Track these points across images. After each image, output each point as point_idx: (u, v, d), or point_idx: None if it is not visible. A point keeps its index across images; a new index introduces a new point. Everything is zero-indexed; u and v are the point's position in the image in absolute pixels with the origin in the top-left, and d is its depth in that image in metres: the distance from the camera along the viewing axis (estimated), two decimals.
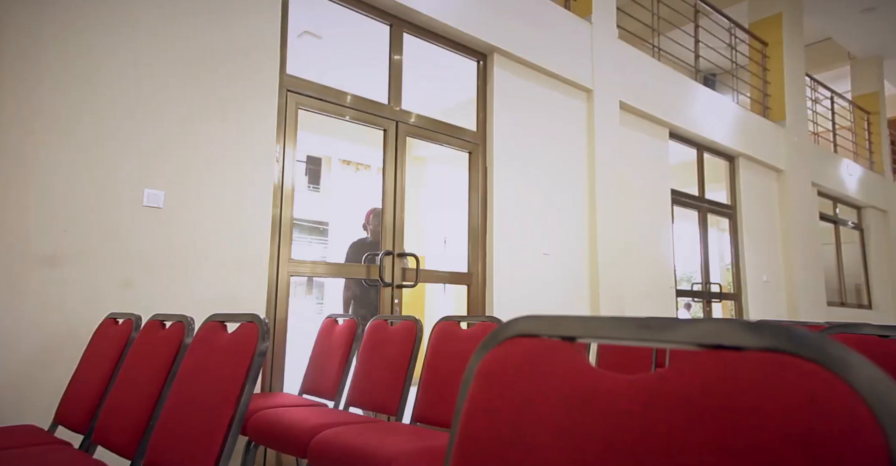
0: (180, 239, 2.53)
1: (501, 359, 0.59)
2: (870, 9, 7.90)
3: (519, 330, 0.59)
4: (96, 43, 2.41)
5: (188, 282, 2.53)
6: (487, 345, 0.62)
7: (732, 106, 5.92)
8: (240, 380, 1.37)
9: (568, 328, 0.54)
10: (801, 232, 6.38)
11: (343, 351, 2.52)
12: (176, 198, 2.55)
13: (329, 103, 3.18)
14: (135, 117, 2.48)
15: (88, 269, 2.30)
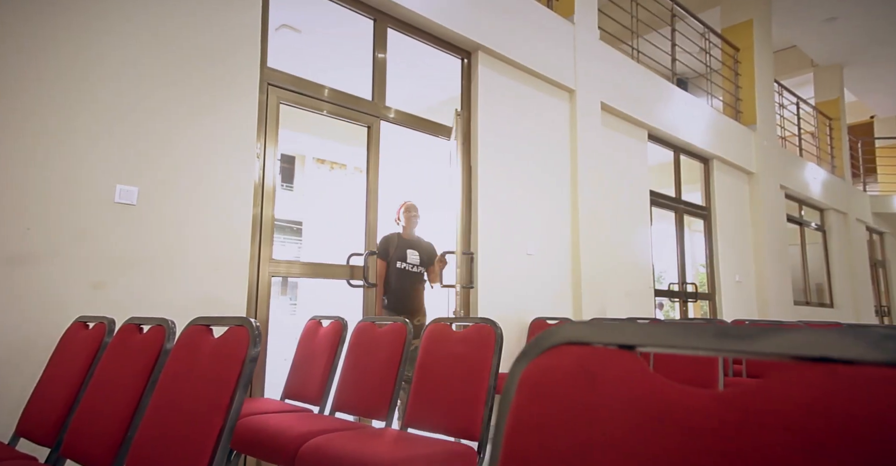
0: (155, 238, 2.42)
1: (549, 369, 0.54)
2: (832, 18, 8.19)
3: (566, 337, 0.55)
4: (69, 34, 2.27)
5: (164, 284, 2.41)
6: (529, 353, 0.58)
7: (707, 109, 6.04)
8: (229, 388, 1.29)
9: (626, 335, 0.50)
10: (771, 233, 6.56)
11: (328, 353, 2.44)
12: (150, 194, 2.43)
13: (312, 98, 3.10)
14: (109, 110, 2.35)
15: (55, 270, 2.17)
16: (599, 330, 0.52)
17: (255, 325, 1.35)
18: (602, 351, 0.51)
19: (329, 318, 2.59)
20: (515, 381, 0.58)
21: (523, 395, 0.55)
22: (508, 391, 0.58)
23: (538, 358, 0.57)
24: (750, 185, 6.61)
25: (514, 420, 0.55)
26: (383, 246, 3.30)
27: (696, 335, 0.45)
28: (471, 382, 1.87)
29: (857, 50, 8.95)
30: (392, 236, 3.38)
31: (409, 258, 3.37)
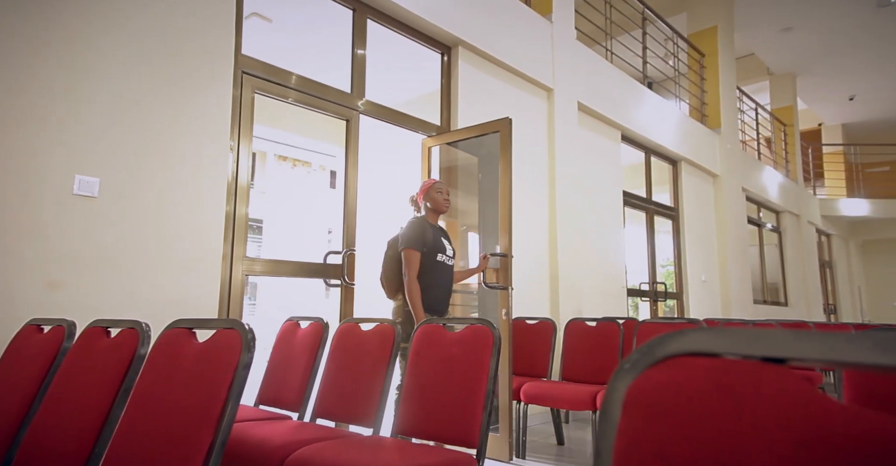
0: (119, 234, 2.22)
1: (670, 386, 0.46)
2: (788, 29, 8.55)
3: (687, 346, 0.47)
4: (26, 13, 2.05)
5: (128, 283, 2.22)
6: (636, 365, 0.50)
7: (676, 112, 6.16)
8: (219, 398, 1.16)
9: (775, 346, 0.42)
10: (734, 234, 6.77)
11: (308, 357, 2.31)
12: (114, 186, 2.23)
13: (289, 89, 2.94)
14: (68, 95, 2.14)
15: (3, 267, 1.96)
16: (736, 340, 0.44)
17: (247, 328, 1.22)
18: (742, 366, 0.43)
19: (308, 319, 2.46)
20: (619, 398, 0.49)
21: (636, 417, 0.47)
22: (610, 409, 0.50)
23: (649, 370, 0.49)
24: (714, 187, 6.79)
25: (626, 447, 0.47)
26: (418, 234, 2.59)
27: (865, 347, 0.38)
28: (467, 386, 1.79)
29: (810, 60, 9.38)
30: (423, 222, 2.66)
31: (448, 250, 2.72)
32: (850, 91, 10.65)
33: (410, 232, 2.60)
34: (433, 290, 2.62)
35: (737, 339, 0.44)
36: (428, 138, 3.62)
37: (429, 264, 2.62)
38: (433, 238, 2.64)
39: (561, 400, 2.91)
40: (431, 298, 2.61)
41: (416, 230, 2.61)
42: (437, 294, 2.64)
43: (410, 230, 2.60)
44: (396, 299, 2.67)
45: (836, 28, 8.35)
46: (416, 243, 2.58)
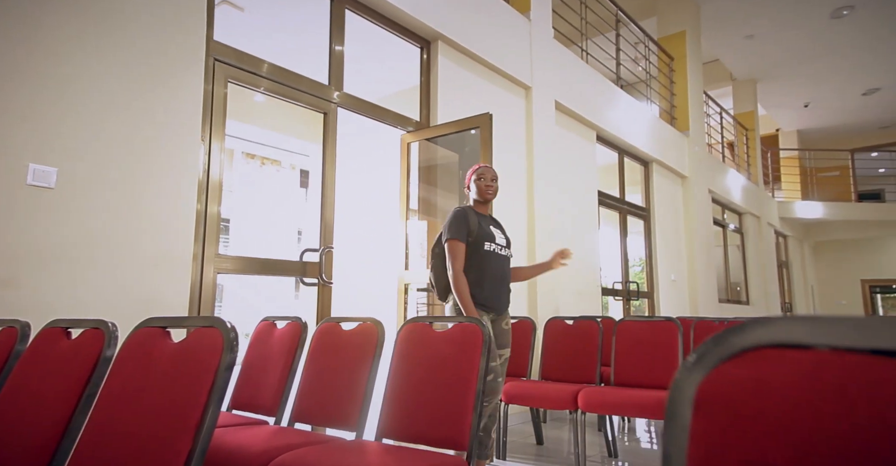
0: (79, 228, 2.07)
1: (754, 384, 0.41)
2: (750, 36, 8.83)
3: (773, 337, 0.42)
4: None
5: (88, 281, 2.07)
6: (707, 359, 0.44)
7: (648, 114, 6.26)
8: (199, 403, 1.07)
9: (888, 336, 0.38)
10: (701, 234, 6.93)
11: (285, 358, 2.20)
12: (73, 177, 2.08)
13: (264, 78, 2.81)
14: (21, 77, 1.97)
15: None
16: (837, 329, 0.39)
17: (229, 326, 1.13)
18: (848, 360, 0.38)
19: (285, 319, 2.35)
20: (689, 397, 0.44)
21: (714, 419, 0.42)
22: (678, 411, 0.44)
23: (724, 365, 0.43)
24: (683, 188, 6.94)
25: (705, 455, 0.41)
26: (459, 223, 2.30)
27: None
28: (456, 386, 1.73)
29: (769, 67, 9.72)
30: (467, 210, 2.36)
31: (497, 238, 2.42)
32: (805, 98, 11.10)
33: (452, 221, 2.32)
34: (485, 284, 2.31)
35: (838, 329, 0.39)
36: (407, 134, 3.54)
37: (476, 255, 2.32)
38: (479, 226, 2.34)
39: (542, 400, 2.88)
40: (484, 293, 2.30)
41: (458, 219, 2.32)
42: (490, 288, 2.32)
43: (452, 219, 2.33)
44: (448, 300, 2.36)
45: (793, 37, 8.68)
46: (459, 233, 2.28)
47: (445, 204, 3.82)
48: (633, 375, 2.95)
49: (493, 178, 2.44)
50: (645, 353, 2.94)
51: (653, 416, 2.50)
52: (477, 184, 2.43)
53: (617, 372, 3.01)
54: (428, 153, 3.67)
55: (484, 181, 2.43)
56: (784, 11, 7.92)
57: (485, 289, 2.31)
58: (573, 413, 2.76)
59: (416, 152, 3.60)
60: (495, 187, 2.44)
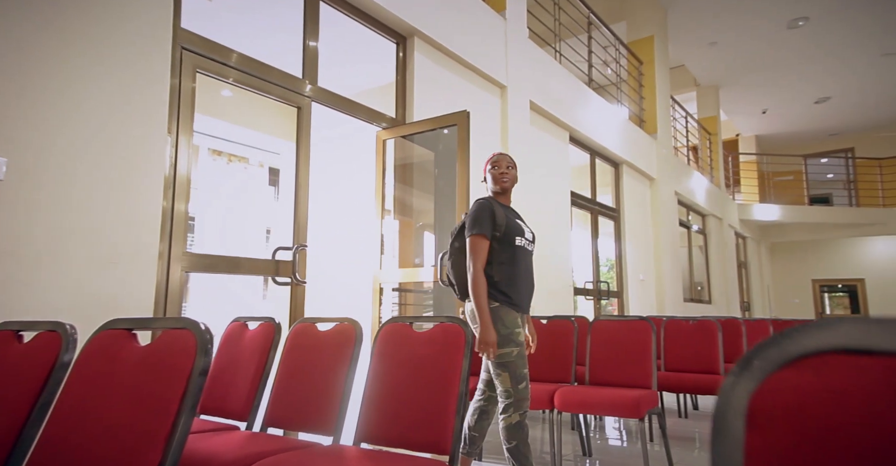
0: (31, 223, 1.93)
1: (821, 394, 0.37)
2: (714, 43, 9.10)
3: (838, 341, 0.38)
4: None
5: (43, 280, 1.93)
6: (759, 365, 0.40)
7: (619, 116, 6.36)
8: (170, 410, 0.99)
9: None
10: (667, 235, 7.09)
11: (257, 361, 2.11)
12: (24, 168, 1.93)
13: (234, 70, 2.70)
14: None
15: None
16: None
17: (202, 328, 1.05)
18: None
19: (257, 319, 2.25)
20: (741, 409, 0.40)
21: (775, 433, 0.38)
22: (728, 423, 0.40)
23: (781, 372, 0.40)
24: (651, 190, 7.08)
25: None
26: (485, 217, 2.06)
27: None
28: (439, 388, 1.68)
29: (731, 74, 10.04)
30: (490, 202, 2.12)
31: (526, 232, 2.19)
32: (764, 105, 11.53)
33: (476, 214, 2.07)
34: (520, 283, 2.09)
35: None
36: (383, 130, 3.47)
37: (506, 252, 2.08)
38: (506, 219, 2.10)
39: None
40: (519, 293, 2.09)
41: (483, 212, 2.06)
42: (521, 288, 2.10)
43: (476, 212, 2.08)
44: (469, 300, 2.11)
45: (753, 46, 8.99)
46: (484, 227, 2.04)
47: (421, 203, 3.76)
48: (608, 374, 2.96)
49: (509, 165, 2.22)
50: (619, 352, 2.96)
51: (629, 415, 2.50)
52: (492, 173, 2.22)
53: (592, 371, 3.02)
54: (404, 151, 3.62)
55: (498, 169, 2.20)
56: (745, 21, 8.18)
57: (520, 290, 2.09)
58: (548, 413, 2.75)
59: (392, 149, 3.53)
60: (512, 174, 2.22)
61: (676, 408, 4.45)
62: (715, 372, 3.48)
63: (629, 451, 3.19)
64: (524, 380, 2.00)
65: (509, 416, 1.99)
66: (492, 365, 2.03)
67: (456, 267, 2.18)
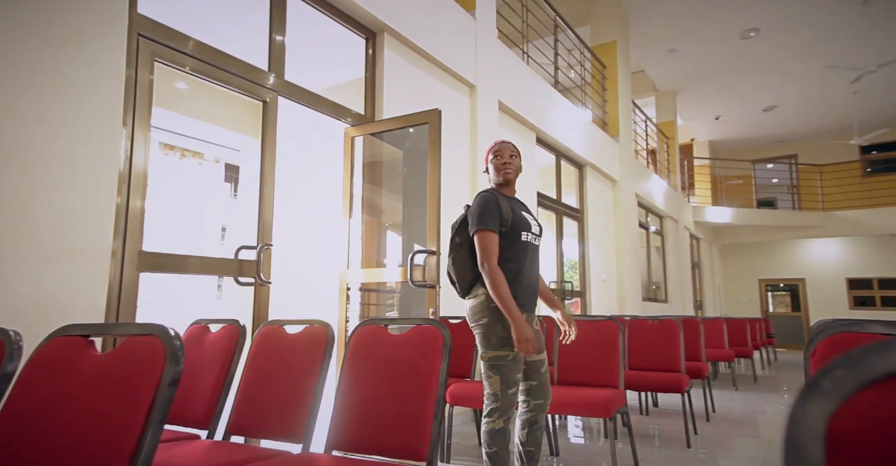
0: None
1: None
2: (672, 50, 9.39)
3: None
4: None
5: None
6: (841, 384, 0.36)
7: (583, 118, 6.46)
8: (135, 425, 0.91)
9: None
10: (628, 236, 7.26)
11: (220, 365, 2.01)
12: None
13: (196, 60, 2.57)
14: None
15: None
16: None
17: (172, 334, 0.97)
18: None
19: (220, 322, 2.15)
20: (818, 433, 0.35)
21: (856, 460, 0.35)
22: (803, 450, 0.35)
23: (865, 393, 0.36)
24: (613, 192, 7.23)
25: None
26: (490, 211, 1.96)
27: None
28: (416, 392, 1.64)
29: (687, 80, 10.39)
30: (494, 195, 2.02)
31: (533, 226, 2.09)
32: (717, 111, 11.99)
33: (481, 208, 1.96)
34: (524, 281, 2.00)
35: None
36: (351, 127, 3.39)
37: (512, 247, 1.99)
38: (512, 212, 2.01)
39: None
40: (524, 291, 2.00)
41: (489, 205, 1.96)
42: (526, 285, 2.01)
43: (481, 206, 1.97)
44: (475, 296, 2.01)
45: (708, 54, 9.33)
46: (491, 222, 1.94)
47: (389, 202, 3.70)
48: (577, 374, 2.98)
49: (513, 154, 2.10)
50: (587, 353, 2.99)
51: (599, 415, 2.53)
52: (494, 163, 2.09)
53: (560, 371, 3.03)
54: (373, 148, 3.54)
55: (501, 158, 2.08)
56: (701, 30, 8.48)
57: (524, 287, 1.99)
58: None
59: (361, 147, 3.45)
60: (516, 164, 2.09)
61: (638, 406, 4.56)
62: (676, 371, 3.57)
63: (594, 449, 3.24)
64: (515, 386, 1.94)
65: (494, 421, 1.93)
66: (483, 366, 1.96)
67: (457, 263, 2.05)
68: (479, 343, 1.98)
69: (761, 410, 4.63)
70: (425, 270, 2.99)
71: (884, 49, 8.92)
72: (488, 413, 1.94)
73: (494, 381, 1.94)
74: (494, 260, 1.93)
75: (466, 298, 2.05)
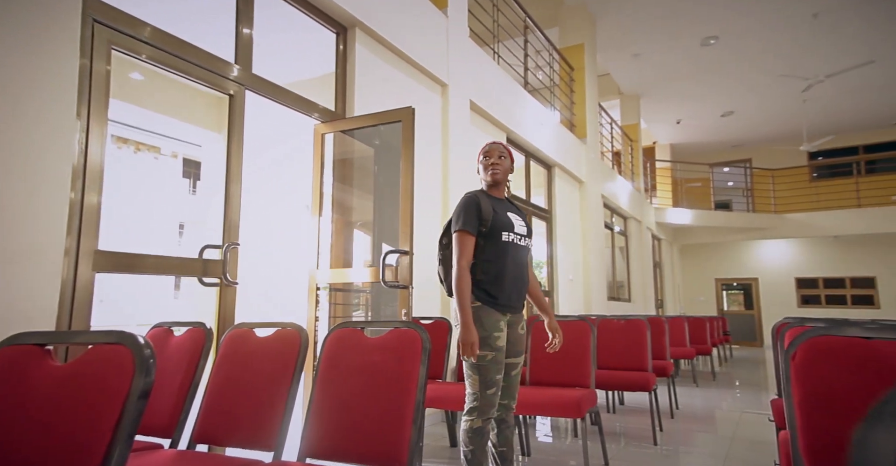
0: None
1: None
2: (637, 54, 9.60)
3: None
4: None
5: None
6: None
7: (552, 119, 6.52)
8: (100, 443, 0.84)
9: None
10: (594, 236, 7.38)
11: (185, 370, 1.92)
12: None
13: (157, 49, 2.44)
14: None
15: None
16: None
17: (141, 342, 0.91)
18: None
19: (184, 325, 2.05)
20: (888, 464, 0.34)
21: None
22: None
23: None
24: (580, 193, 7.33)
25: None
26: (469, 212, 1.98)
27: None
28: (394, 397, 1.60)
29: (650, 85, 10.66)
30: (477, 195, 2.04)
31: (517, 226, 2.07)
32: (678, 115, 12.36)
33: (461, 210, 1.99)
34: (505, 282, 1.98)
35: None
36: (322, 124, 3.31)
37: (493, 247, 1.99)
38: (493, 213, 2.01)
39: (459, 402, 2.82)
40: (504, 292, 1.98)
41: (468, 207, 1.98)
42: (510, 286, 2.00)
43: (461, 207, 2.00)
44: None
45: (670, 59, 9.59)
46: (468, 223, 1.96)
47: (360, 201, 3.63)
48: (549, 374, 3.00)
49: (502, 155, 2.10)
50: (559, 353, 3.00)
51: (572, 415, 2.54)
52: (482, 163, 2.10)
53: (532, 371, 3.04)
54: (343, 146, 3.47)
55: (489, 159, 2.08)
56: (664, 36, 8.70)
57: (505, 288, 1.98)
58: None
59: (331, 144, 3.37)
60: (504, 165, 2.10)
61: (605, 404, 4.63)
62: (644, 370, 3.64)
63: (564, 449, 3.26)
64: (494, 386, 1.93)
65: (472, 420, 1.92)
66: (465, 365, 1.95)
67: (444, 263, 2.09)
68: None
69: (721, 406, 4.79)
70: (398, 270, 2.94)
71: (832, 60, 9.38)
72: (468, 411, 1.95)
73: (474, 381, 1.94)
74: (464, 261, 1.96)
75: (452, 298, 2.04)
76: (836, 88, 10.59)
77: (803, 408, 1.18)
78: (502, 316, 1.99)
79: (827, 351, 1.18)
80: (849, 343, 1.15)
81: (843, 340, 1.16)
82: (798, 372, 1.20)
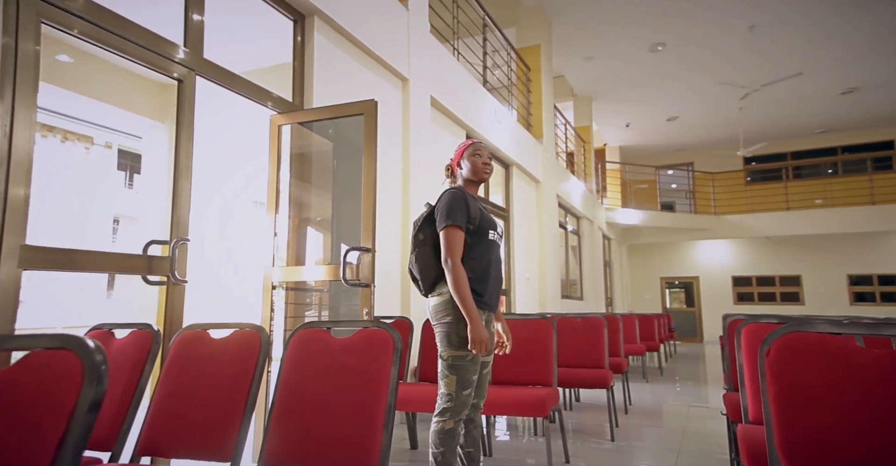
0: None
1: None
2: (590, 58, 9.83)
3: None
4: None
5: None
6: None
7: (510, 118, 6.55)
8: (42, 460, 0.73)
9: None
10: (550, 236, 7.48)
11: (129, 377, 1.76)
12: None
13: (90, 24, 2.23)
14: None
15: None
16: None
17: (90, 347, 0.80)
18: None
19: (128, 326, 1.88)
20: None
21: None
22: None
23: None
24: (537, 192, 7.42)
25: None
26: (459, 207, 1.92)
27: None
28: (364, 401, 1.52)
29: (602, 88, 10.95)
30: (463, 192, 1.99)
31: (498, 226, 2.10)
32: (627, 118, 12.76)
33: (451, 205, 1.92)
34: (489, 280, 1.97)
35: None
36: (279, 115, 3.16)
37: (480, 246, 1.97)
38: (480, 211, 1.99)
39: (420, 403, 2.76)
40: (488, 290, 1.97)
41: (458, 202, 1.92)
42: (491, 284, 1.99)
43: (450, 203, 1.92)
44: (439, 294, 1.94)
45: (621, 64, 9.88)
46: (459, 218, 1.90)
47: (318, 197, 3.50)
48: (511, 373, 2.98)
49: (490, 157, 2.11)
50: (521, 351, 2.99)
51: (536, 414, 2.52)
52: (472, 160, 2.04)
53: (495, 370, 3.02)
54: (301, 139, 3.33)
55: (481, 158, 2.05)
56: (615, 40, 8.95)
57: (489, 287, 1.97)
58: None
59: (289, 137, 3.23)
60: (492, 167, 2.11)
61: (562, 401, 4.69)
62: (601, 367, 3.70)
63: (526, 447, 3.26)
64: (470, 387, 1.88)
65: (445, 421, 1.85)
66: (441, 365, 1.88)
67: (420, 260, 1.98)
68: (439, 342, 1.90)
69: (670, 400, 4.95)
70: (359, 268, 2.85)
71: (766, 70, 9.93)
72: (440, 412, 1.87)
73: (451, 381, 1.87)
74: (458, 258, 1.89)
75: (430, 296, 1.98)
76: (769, 97, 11.23)
77: (778, 404, 1.19)
78: (485, 314, 1.96)
79: (801, 348, 1.20)
80: (821, 339, 1.17)
81: (815, 336, 1.19)
82: (772, 368, 1.21)
